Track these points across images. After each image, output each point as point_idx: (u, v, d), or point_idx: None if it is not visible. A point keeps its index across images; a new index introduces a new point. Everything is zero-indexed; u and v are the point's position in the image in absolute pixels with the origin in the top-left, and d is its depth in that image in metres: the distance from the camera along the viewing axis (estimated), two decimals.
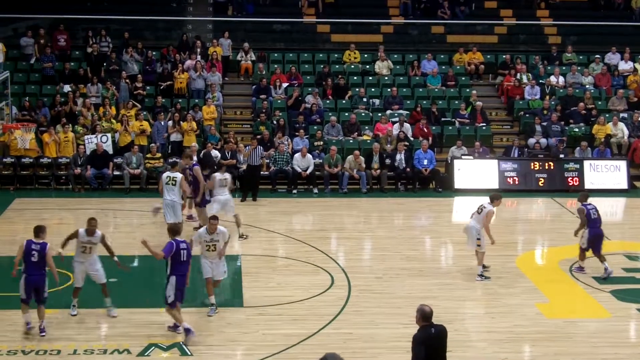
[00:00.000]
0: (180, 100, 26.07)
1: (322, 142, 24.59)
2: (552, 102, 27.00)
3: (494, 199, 15.95)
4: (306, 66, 29.03)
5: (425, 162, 23.80)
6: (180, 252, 12.77)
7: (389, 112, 26.33)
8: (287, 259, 17.29)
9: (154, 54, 27.72)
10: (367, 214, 21.85)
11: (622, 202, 23.46)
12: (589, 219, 16.20)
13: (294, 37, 30.74)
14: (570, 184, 23.91)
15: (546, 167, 24.09)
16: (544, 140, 25.41)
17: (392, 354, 12.46)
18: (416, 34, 31.15)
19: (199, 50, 27.71)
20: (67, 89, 26.06)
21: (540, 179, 23.98)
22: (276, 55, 29.33)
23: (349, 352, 12.25)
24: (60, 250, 13.48)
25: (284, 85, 27.27)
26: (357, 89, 27.31)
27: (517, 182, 23.94)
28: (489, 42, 30.81)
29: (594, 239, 16.19)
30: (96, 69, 27.08)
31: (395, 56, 29.42)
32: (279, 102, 26.73)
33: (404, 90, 27.81)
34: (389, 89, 27.37)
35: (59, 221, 19.53)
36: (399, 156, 23.80)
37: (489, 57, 29.60)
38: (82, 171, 22.86)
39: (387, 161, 23.80)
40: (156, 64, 27.51)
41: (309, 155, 23.53)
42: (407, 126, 25.27)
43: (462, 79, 28.52)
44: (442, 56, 29.57)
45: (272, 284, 15.69)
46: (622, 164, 24.39)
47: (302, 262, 16.93)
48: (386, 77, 28.33)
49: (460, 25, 31.32)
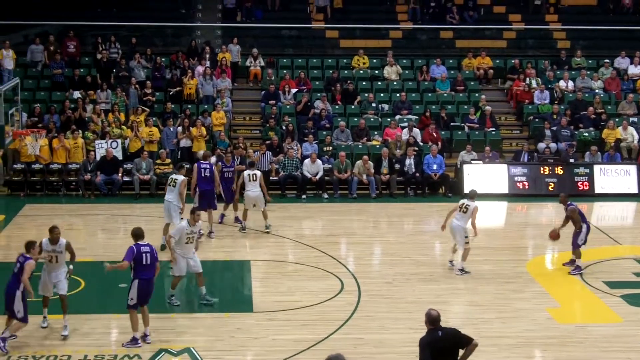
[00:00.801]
0: (189, 106, 26.10)
1: (331, 148, 24.58)
2: (562, 107, 26.95)
3: (473, 195, 16.55)
4: (315, 72, 29.03)
5: (434, 167, 23.79)
6: (142, 256, 12.75)
7: (398, 117, 26.32)
8: (296, 264, 17.29)
9: (163, 60, 27.79)
10: (377, 219, 21.84)
11: (632, 207, 23.38)
12: (582, 216, 16.79)
13: (302, 42, 30.79)
14: (580, 188, 23.84)
15: (556, 172, 24.03)
16: (553, 144, 25.35)
17: (403, 359, 12.44)
18: (425, 39, 31.16)
19: (208, 56, 27.75)
20: (76, 95, 26.11)
21: (550, 184, 23.92)
22: (285, 60, 29.38)
23: (359, 358, 12.28)
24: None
25: (293, 90, 27.28)
26: (366, 94, 27.29)
27: (527, 187, 23.91)
28: (498, 46, 30.79)
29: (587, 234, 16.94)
30: (106, 76, 27.16)
31: (404, 61, 29.42)
32: (288, 107, 26.74)
33: (413, 95, 27.80)
34: (397, 94, 27.37)
35: (68, 227, 19.57)
36: (408, 161, 23.79)
37: (497, 61, 29.55)
38: (92, 177, 22.92)
39: (397, 166, 23.79)
40: (165, 70, 27.57)
41: (318, 160, 23.53)
42: (416, 131, 25.25)
43: (471, 83, 28.49)
44: (451, 61, 29.57)
45: (282, 289, 15.70)
46: (632, 169, 24.32)
47: (312, 267, 16.94)
48: (395, 82, 28.32)
49: (469, 30, 31.29)
